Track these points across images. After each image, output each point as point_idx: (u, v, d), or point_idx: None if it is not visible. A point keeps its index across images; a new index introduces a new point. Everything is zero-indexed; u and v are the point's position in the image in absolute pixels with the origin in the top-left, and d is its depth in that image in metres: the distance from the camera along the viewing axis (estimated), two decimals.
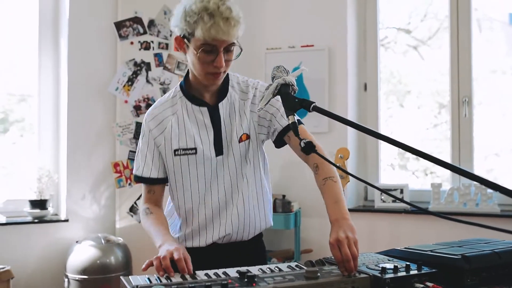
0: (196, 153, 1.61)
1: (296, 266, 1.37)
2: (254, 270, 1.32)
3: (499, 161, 3.52)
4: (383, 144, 3.64)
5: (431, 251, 1.37)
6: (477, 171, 3.32)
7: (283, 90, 1.38)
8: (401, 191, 3.35)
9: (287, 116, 1.33)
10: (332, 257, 1.36)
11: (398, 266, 1.26)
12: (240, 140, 1.65)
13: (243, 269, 1.35)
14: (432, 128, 3.69)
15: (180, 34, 1.54)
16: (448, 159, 3.32)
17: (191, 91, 1.65)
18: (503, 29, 3.56)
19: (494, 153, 3.53)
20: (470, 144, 3.27)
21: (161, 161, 1.66)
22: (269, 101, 1.40)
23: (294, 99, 1.34)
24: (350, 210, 3.43)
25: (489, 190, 3.09)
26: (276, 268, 1.34)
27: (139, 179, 1.69)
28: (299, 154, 1.60)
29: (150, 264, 1.39)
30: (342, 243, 1.30)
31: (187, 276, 1.31)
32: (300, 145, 1.26)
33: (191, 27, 1.49)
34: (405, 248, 1.46)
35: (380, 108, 3.56)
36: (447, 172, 3.42)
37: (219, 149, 1.64)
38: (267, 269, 1.34)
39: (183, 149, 1.61)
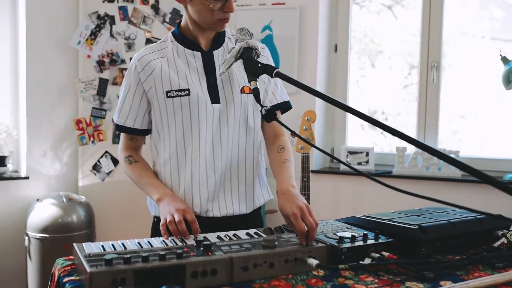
0: (189, 94, 1.50)
1: (255, 233, 1.36)
2: (212, 237, 1.31)
3: (464, 123, 3.59)
4: (351, 105, 3.65)
5: (389, 220, 1.38)
6: (442, 133, 3.36)
7: (246, 54, 1.33)
8: (367, 154, 3.38)
9: (249, 82, 1.29)
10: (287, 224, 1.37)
11: (356, 235, 1.27)
12: (243, 91, 1.55)
13: (200, 236, 1.33)
14: (402, 89, 3.70)
15: None
16: (414, 121, 3.35)
17: (185, 36, 1.57)
18: None
19: (460, 116, 3.58)
20: (436, 108, 3.29)
21: (143, 109, 1.56)
22: (231, 65, 1.36)
23: (257, 64, 1.30)
24: (315, 172, 3.45)
25: (452, 155, 3.15)
26: (234, 235, 1.33)
27: (121, 129, 1.60)
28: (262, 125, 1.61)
29: (166, 230, 1.35)
30: (304, 212, 1.29)
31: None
32: (261, 111, 1.23)
33: None
34: (364, 216, 1.47)
35: (350, 70, 3.53)
36: (413, 135, 3.46)
37: (214, 97, 1.53)
38: (225, 236, 1.32)
39: (176, 90, 1.50)
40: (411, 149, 3.39)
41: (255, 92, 1.26)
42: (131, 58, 3.32)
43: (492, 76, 3.12)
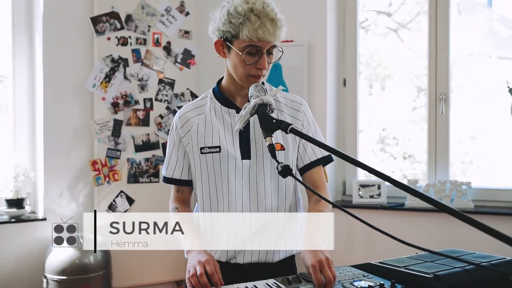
0: (220, 151, 1.60)
1: (274, 283, 1.39)
2: None
3: (474, 144, 3.60)
4: (361, 139, 3.69)
5: (404, 267, 1.41)
6: (452, 155, 3.36)
7: (261, 110, 1.38)
8: (379, 187, 3.40)
9: (265, 138, 1.34)
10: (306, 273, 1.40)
11: (373, 285, 1.29)
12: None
13: None
14: (412, 111, 3.74)
15: (221, 37, 1.54)
16: (425, 143, 3.36)
17: (223, 94, 1.66)
18: (482, 12, 3.59)
19: (470, 136, 3.60)
20: (446, 141, 3.31)
21: (187, 162, 1.67)
22: (246, 120, 1.41)
23: (272, 120, 1.35)
24: None
25: (464, 187, 3.16)
26: (253, 286, 1.36)
27: (167, 181, 1.71)
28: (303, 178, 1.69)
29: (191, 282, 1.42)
30: (323, 265, 1.34)
31: None
32: (277, 168, 1.27)
33: (236, 28, 1.49)
34: (380, 262, 1.49)
35: (359, 102, 3.58)
36: (424, 168, 3.48)
37: (245, 153, 1.60)
38: (245, 287, 1.36)
39: (208, 147, 1.62)
40: (423, 181, 3.41)
41: (271, 148, 1.30)
42: (144, 99, 3.44)
43: (501, 96, 3.13)
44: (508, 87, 2.84)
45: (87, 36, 3.36)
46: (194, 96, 3.53)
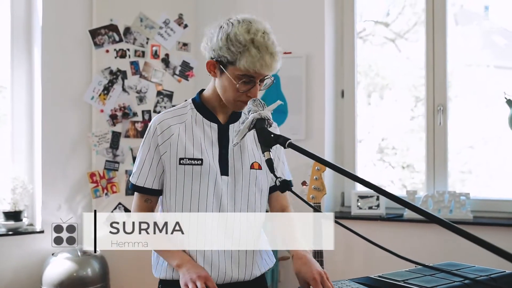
0: (201, 164, 1.56)
1: None
2: None
3: (472, 154, 3.61)
4: (361, 149, 3.69)
5: (404, 281, 1.40)
6: (451, 165, 3.36)
7: (259, 125, 1.38)
8: (377, 198, 3.40)
9: (263, 152, 1.33)
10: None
11: None
12: (252, 167, 1.61)
13: None
14: (410, 120, 3.75)
15: (214, 58, 1.53)
16: (423, 152, 3.36)
17: (205, 107, 1.63)
18: (479, 22, 3.61)
19: (468, 147, 3.61)
20: (444, 152, 3.31)
21: (160, 171, 1.60)
22: (244, 135, 1.41)
23: (270, 135, 1.35)
24: None
25: (462, 198, 3.16)
26: None
27: (135, 188, 1.64)
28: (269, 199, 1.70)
29: None
30: (323, 278, 1.37)
31: None
32: (275, 182, 1.27)
33: (234, 56, 1.47)
34: (379, 276, 1.49)
35: (357, 114, 3.59)
36: (423, 178, 3.48)
37: (224, 169, 1.58)
38: None
39: (189, 159, 1.56)
40: (422, 191, 3.41)
41: (269, 163, 1.30)
42: (143, 111, 3.45)
43: (499, 106, 3.13)
44: (505, 98, 2.84)
45: (86, 49, 3.37)
46: None
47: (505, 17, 3.67)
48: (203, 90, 1.67)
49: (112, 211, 3.36)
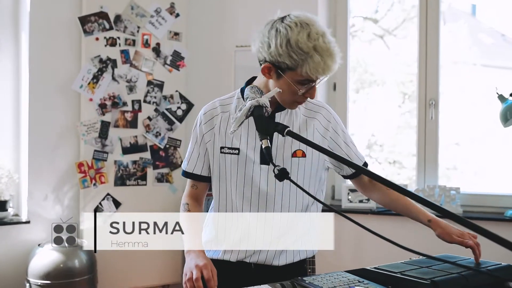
0: (238, 153, 1.60)
1: None
2: None
3: (462, 154, 3.63)
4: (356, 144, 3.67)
5: (401, 273, 1.39)
6: (441, 160, 3.37)
7: (256, 112, 1.36)
8: None
9: (261, 140, 1.31)
10: (302, 278, 1.39)
11: None
12: (294, 155, 1.60)
13: None
14: (399, 116, 3.75)
15: (271, 62, 1.48)
16: (411, 148, 3.36)
17: None
18: (466, 21, 3.62)
19: (456, 143, 3.63)
20: (435, 145, 3.32)
21: (207, 158, 1.66)
22: (242, 122, 1.39)
23: (268, 122, 1.33)
24: None
25: (452, 192, 3.17)
26: None
27: (186, 175, 1.71)
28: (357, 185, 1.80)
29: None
30: (464, 233, 1.54)
31: None
32: (273, 171, 1.25)
33: (295, 63, 1.44)
34: (375, 268, 1.47)
35: (349, 107, 3.58)
36: (410, 173, 3.49)
37: (264, 158, 1.58)
38: None
39: (228, 148, 1.61)
40: (411, 186, 3.41)
41: (267, 151, 1.28)
42: (133, 101, 3.39)
43: (486, 103, 3.17)
44: (497, 93, 2.86)
45: (75, 36, 3.30)
46: (183, 98, 3.49)
47: (492, 17, 3.69)
48: (252, 79, 1.64)
49: (100, 202, 3.31)
